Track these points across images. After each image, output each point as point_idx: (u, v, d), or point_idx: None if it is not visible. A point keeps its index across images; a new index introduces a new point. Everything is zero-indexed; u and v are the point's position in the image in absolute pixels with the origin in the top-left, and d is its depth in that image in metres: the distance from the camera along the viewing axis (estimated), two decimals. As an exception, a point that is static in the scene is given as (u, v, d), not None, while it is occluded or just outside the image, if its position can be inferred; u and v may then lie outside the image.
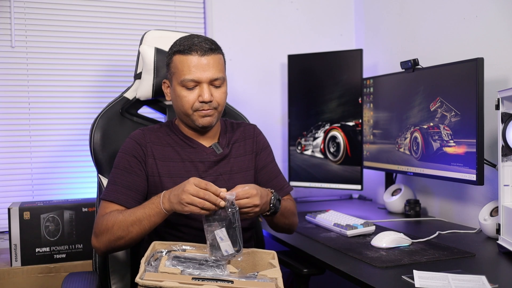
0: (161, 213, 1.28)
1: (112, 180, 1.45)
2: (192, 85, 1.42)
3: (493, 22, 1.82)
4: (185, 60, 1.41)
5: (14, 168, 2.20)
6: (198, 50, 1.41)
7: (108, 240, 1.34)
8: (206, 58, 1.41)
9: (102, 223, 1.35)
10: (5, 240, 2.12)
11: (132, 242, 1.35)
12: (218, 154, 1.51)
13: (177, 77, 1.43)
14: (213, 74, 1.42)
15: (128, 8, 2.35)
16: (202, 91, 1.42)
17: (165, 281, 1.07)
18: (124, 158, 1.46)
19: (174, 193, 1.25)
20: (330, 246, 1.59)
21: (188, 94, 1.43)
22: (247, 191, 1.26)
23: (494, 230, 1.56)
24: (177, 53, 1.43)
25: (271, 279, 1.18)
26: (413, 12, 2.24)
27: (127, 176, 1.44)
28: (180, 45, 1.44)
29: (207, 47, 1.42)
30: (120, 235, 1.32)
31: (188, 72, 1.41)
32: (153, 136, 1.51)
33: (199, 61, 1.41)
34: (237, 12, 2.51)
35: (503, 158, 1.47)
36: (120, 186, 1.42)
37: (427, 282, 1.18)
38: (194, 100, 1.43)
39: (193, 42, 1.42)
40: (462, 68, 1.71)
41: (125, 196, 1.41)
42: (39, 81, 2.23)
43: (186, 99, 1.43)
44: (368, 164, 2.26)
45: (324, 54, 2.40)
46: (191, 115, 1.45)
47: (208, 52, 1.42)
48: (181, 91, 1.43)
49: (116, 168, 1.46)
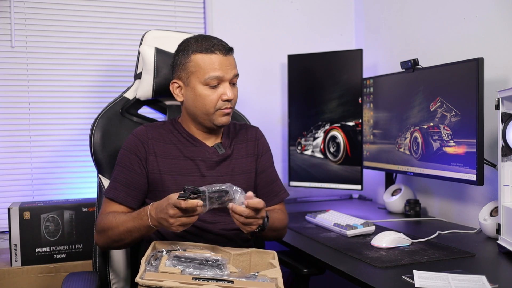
0: (151, 228, 1.30)
1: (113, 177, 1.48)
2: (215, 83, 1.44)
3: (493, 22, 1.82)
4: (209, 59, 1.43)
5: (14, 168, 2.20)
6: (221, 49, 1.44)
7: (105, 241, 1.41)
8: (228, 57, 1.46)
9: (101, 223, 1.41)
10: (5, 240, 2.12)
11: (128, 246, 1.44)
12: (220, 154, 1.51)
13: (200, 75, 1.43)
14: (234, 71, 1.47)
15: (128, 8, 2.35)
16: (225, 90, 1.44)
17: (165, 281, 1.07)
18: (125, 156, 1.48)
19: (160, 216, 1.24)
20: (330, 246, 1.59)
21: (212, 93, 1.44)
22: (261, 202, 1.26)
23: (494, 230, 1.56)
24: (198, 53, 1.44)
25: (271, 279, 1.18)
26: (413, 12, 2.24)
27: (127, 174, 1.46)
28: (200, 45, 1.45)
29: (228, 47, 1.47)
30: (114, 239, 1.38)
31: (213, 70, 1.43)
32: (155, 133, 1.52)
33: (223, 60, 1.44)
34: (237, 12, 2.51)
35: (503, 158, 1.47)
36: (119, 184, 1.45)
37: (427, 282, 1.18)
38: (217, 98, 1.44)
39: (214, 42, 1.45)
40: (462, 68, 1.71)
41: (124, 194, 1.44)
42: (39, 81, 2.23)
43: (209, 98, 1.44)
44: (368, 164, 2.26)
45: (324, 54, 2.40)
46: (213, 114, 1.46)
47: (229, 52, 1.47)
48: (204, 90, 1.44)
49: (117, 165, 1.49)
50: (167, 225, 1.23)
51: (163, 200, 1.24)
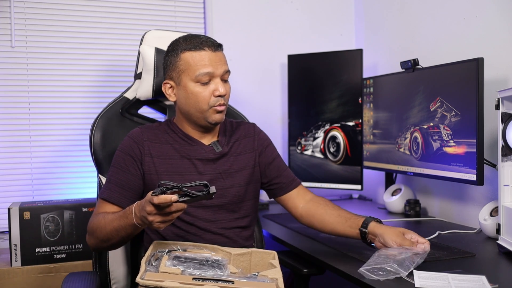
0: (136, 226, 1.26)
1: (108, 178, 1.48)
2: (206, 80, 1.43)
3: (493, 22, 1.82)
4: (198, 56, 1.43)
5: (14, 168, 2.20)
6: (210, 45, 1.44)
7: (94, 242, 1.40)
8: (217, 53, 1.45)
9: (91, 223, 1.41)
10: (5, 240, 2.12)
11: (115, 247, 1.41)
12: (217, 152, 1.51)
13: (190, 73, 1.43)
14: (225, 67, 1.46)
15: (128, 8, 2.35)
16: (217, 85, 1.44)
17: (165, 281, 1.07)
18: (120, 157, 1.48)
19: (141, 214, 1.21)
20: (330, 246, 1.59)
21: (203, 90, 1.43)
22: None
23: (494, 230, 1.56)
24: (187, 50, 1.44)
25: (271, 279, 1.18)
26: (413, 12, 2.24)
27: (122, 174, 1.45)
28: (188, 43, 1.45)
29: (216, 43, 1.46)
30: (102, 239, 1.36)
31: (203, 66, 1.42)
32: (151, 134, 1.51)
33: (212, 56, 1.44)
34: (237, 12, 2.51)
35: (503, 158, 1.47)
36: (113, 185, 1.44)
37: (427, 282, 1.18)
38: (210, 95, 1.44)
39: (203, 39, 1.45)
40: (462, 68, 1.71)
41: (117, 194, 1.43)
42: (39, 81, 2.23)
43: (202, 95, 1.43)
44: (368, 164, 2.26)
45: (324, 54, 2.40)
46: (206, 111, 1.45)
47: (218, 48, 1.46)
48: (195, 87, 1.43)
49: (112, 166, 1.48)
50: (148, 223, 1.20)
51: (144, 198, 1.21)
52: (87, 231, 1.43)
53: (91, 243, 1.42)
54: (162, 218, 1.18)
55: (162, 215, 1.17)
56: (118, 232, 1.31)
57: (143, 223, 1.23)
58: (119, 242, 1.37)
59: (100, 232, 1.35)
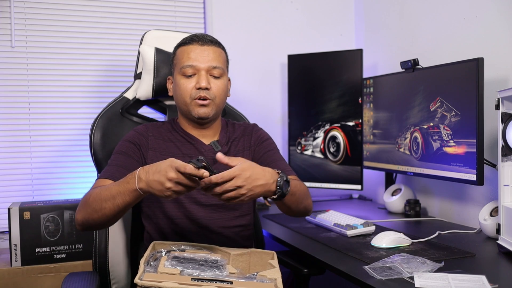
0: (136, 193, 1.20)
1: (109, 163, 1.44)
2: (190, 72, 1.46)
3: (493, 22, 1.82)
4: (185, 49, 1.48)
5: (14, 168, 2.21)
6: (199, 40, 1.48)
7: (85, 212, 1.27)
8: (206, 48, 1.47)
9: (85, 196, 1.30)
10: (5, 240, 2.12)
11: (105, 219, 1.26)
12: (216, 151, 1.51)
13: (178, 66, 1.49)
14: (211, 62, 1.46)
15: (128, 8, 2.35)
16: (199, 78, 1.45)
17: (164, 281, 1.07)
18: (123, 145, 1.48)
19: (154, 178, 1.15)
20: (330, 246, 1.59)
21: (187, 82, 1.46)
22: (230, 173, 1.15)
23: (494, 230, 1.56)
24: (180, 46, 1.51)
25: (270, 279, 1.18)
26: (413, 12, 2.23)
27: (123, 158, 1.44)
28: (184, 39, 1.51)
29: (208, 39, 1.49)
30: (94, 208, 1.24)
31: (188, 59, 1.46)
32: (155, 131, 1.54)
33: (198, 49, 1.47)
34: (237, 12, 2.51)
35: (503, 158, 1.47)
36: (114, 166, 1.41)
37: (427, 282, 1.18)
38: (192, 87, 1.46)
39: (196, 35, 1.50)
40: (462, 68, 1.71)
41: (118, 173, 1.36)
42: (39, 81, 2.23)
43: (184, 87, 1.46)
44: (368, 164, 2.25)
45: (324, 54, 2.40)
46: (189, 104, 1.47)
47: (208, 43, 1.48)
48: (181, 79, 1.47)
49: (114, 153, 1.47)
50: (159, 189, 1.14)
51: (160, 162, 1.16)
52: (79, 205, 1.31)
53: (81, 217, 1.28)
54: (181, 188, 1.13)
55: (182, 185, 1.13)
56: (114, 198, 1.21)
57: (148, 188, 1.16)
58: (112, 213, 1.24)
59: (93, 199, 1.25)
